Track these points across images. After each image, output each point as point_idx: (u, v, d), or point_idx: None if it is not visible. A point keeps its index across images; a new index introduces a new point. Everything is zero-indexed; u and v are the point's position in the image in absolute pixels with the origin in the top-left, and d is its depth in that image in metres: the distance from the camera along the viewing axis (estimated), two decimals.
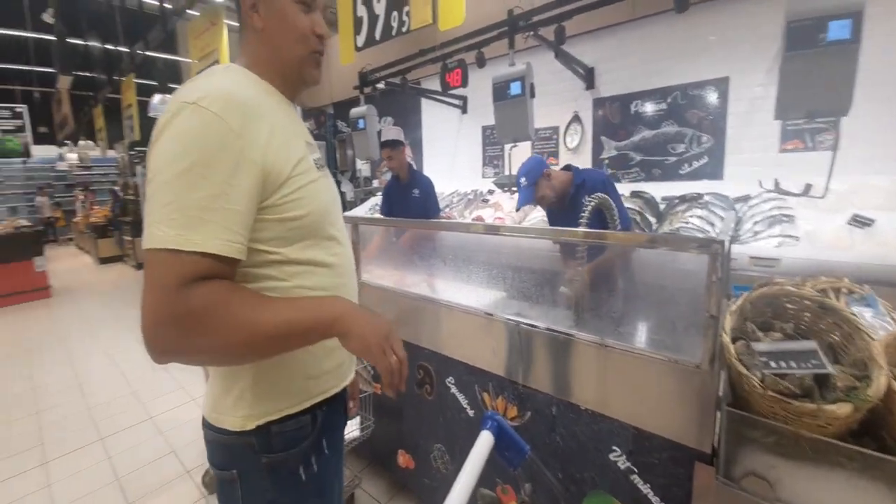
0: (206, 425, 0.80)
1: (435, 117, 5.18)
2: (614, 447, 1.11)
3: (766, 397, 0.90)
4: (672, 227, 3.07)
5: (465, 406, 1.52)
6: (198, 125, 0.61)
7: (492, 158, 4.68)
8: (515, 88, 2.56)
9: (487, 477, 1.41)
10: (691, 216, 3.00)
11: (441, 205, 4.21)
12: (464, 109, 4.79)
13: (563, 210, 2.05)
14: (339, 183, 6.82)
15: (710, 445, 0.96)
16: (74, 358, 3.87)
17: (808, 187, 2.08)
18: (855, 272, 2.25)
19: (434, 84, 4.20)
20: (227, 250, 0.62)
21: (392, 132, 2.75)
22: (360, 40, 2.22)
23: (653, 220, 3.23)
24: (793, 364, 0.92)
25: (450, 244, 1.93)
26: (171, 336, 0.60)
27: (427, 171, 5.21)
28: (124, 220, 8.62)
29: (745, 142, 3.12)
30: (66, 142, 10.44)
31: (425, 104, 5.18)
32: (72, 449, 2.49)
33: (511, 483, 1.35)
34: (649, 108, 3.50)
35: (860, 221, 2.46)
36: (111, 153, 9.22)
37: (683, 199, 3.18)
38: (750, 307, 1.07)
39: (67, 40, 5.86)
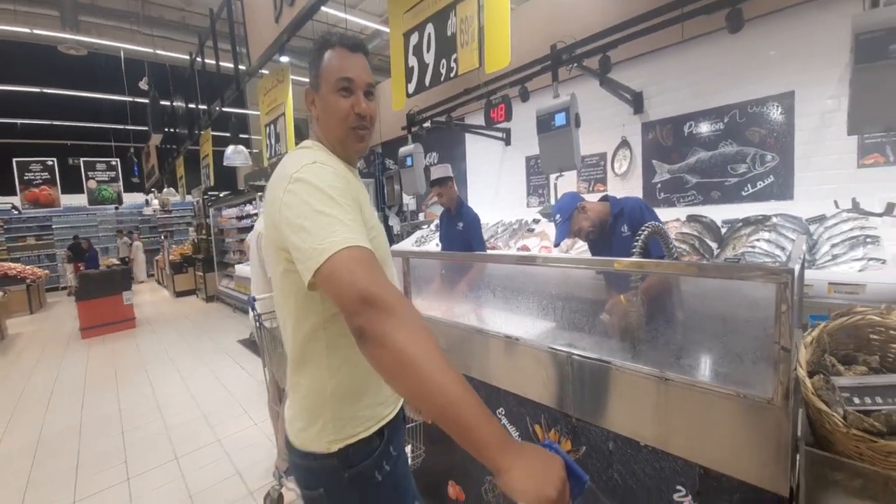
0: (294, 452, 0.93)
1: (479, 150, 5.34)
2: (679, 486, 1.04)
3: (849, 436, 0.82)
4: (736, 252, 2.89)
5: (516, 437, 1.50)
6: (326, 174, 0.81)
7: (536, 188, 4.70)
8: (560, 119, 2.61)
9: None
10: (758, 240, 2.81)
11: (487, 235, 4.26)
12: (507, 141, 4.90)
13: (602, 239, 2.07)
14: (386, 218, 7.13)
15: (787, 488, 0.88)
16: (154, 383, 4.24)
17: (892, 206, 1.90)
18: None
19: (478, 118, 4.37)
20: (368, 244, 0.76)
21: (440, 170, 2.88)
22: (412, 88, 2.40)
23: (713, 244, 3.06)
24: (878, 400, 0.84)
25: (497, 275, 1.95)
26: (375, 309, 0.66)
27: (471, 201, 5.33)
28: (197, 257, 9.52)
29: (816, 158, 2.92)
30: (151, 190, 11.84)
31: (469, 138, 5.36)
32: (151, 467, 2.70)
33: None
34: (704, 128, 3.40)
35: None
36: (189, 198, 10.31)
37: (747, 221, 3.00)
38: (828, 338, 0.99)
39: (159, 103, 6.78)
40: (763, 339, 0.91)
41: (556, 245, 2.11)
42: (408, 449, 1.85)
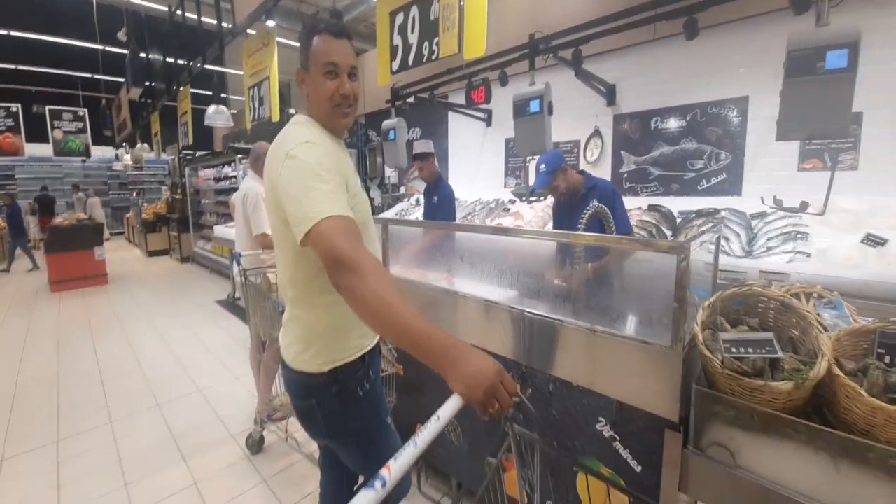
0: (290, 369, 1.14)
1: (461, 128, 5.45)
2: (601, 418, 1.30)
3: (724, 375, 1.07)
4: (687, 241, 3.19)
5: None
6: (316, 152, 0.98)
7: (514, 169, 4.89)
8: (534, 106, 2.78)
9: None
10: (706, 230, 3.11)
11: (464, 212, 4.45)
12: (489, 122, 5.03)
13: (570, 206, 2.33)
14: (368, 189, 7.20)
15: (677, 415, 1.13)
16: (131, 338, 4.32)
17: (805, 204, 2.19)
18: (863, 289, 2.34)
19: (461, 98, 4.47)
20: (351, 214, 0.94)
21: (421, 145, 3.02)
22: (395, 65, 2.53)
23: (668, 232, 3.35)
24: (749, 350, 1.09)
25: (470, 246, 2.15)
26: (351, 268, 0.83)
27: (452, 179, 5.47)
28: (171, 217, 9.34)
29: (763, 159, 3.21)
30: (122, 144, 11.37)
31: (452, 116, 5.46)
32: (134, 412, 2.85)
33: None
34: (669, 124, 3.64)
35: (874, 241, 2.52)
36: (164, 156, 9.99)
37: (700, 213, 3.29)
38: (721, 304, 1.24)
39: (138, 55, 6.51)
40: (668, 300, 1.15)
41: (533, 191, 2.35)
42: None
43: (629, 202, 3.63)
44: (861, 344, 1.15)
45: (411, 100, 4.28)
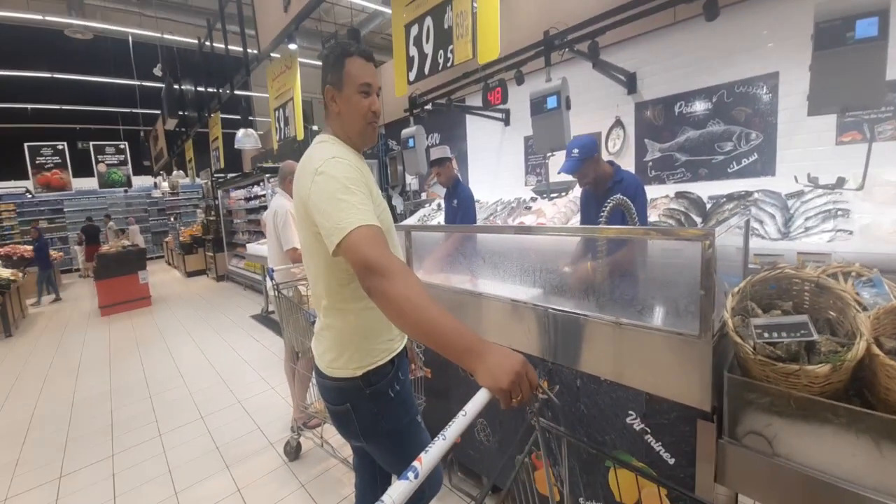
0: (324, 377, 1.19)
1: (479, 130, 5.47)
2: (630, 411, 1.27)
3: (756, 361, 1.03)
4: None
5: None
6: (343, 167, 1.03)
7: (534, 167, 4.85)
8: (552, 102, 2.76)
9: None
10: (738, 215, 2.98)
11: (486, 213, 4.45)
12: (506, 122, 5.02)
13: (597, 198, 2.26)
14: (389, 197, 7.31)
15: (709, 405, 1.10)
16: (175, 354, 4.56)
17: (842, 180, 2.07)
18: None
19: (477, 100, 4.50)
20: (378, 223, 0.99)
21: (438, 151, 3.06)
22: (412, 76, 2.58)
23: (698, 219, 3.24)
24: (784, 335, 1.05)
25: (491, 247, 2.16)
26: (380, 273, 0.88)
27: (472, 181, 5.49)
28: (206, 238, 9.80)
29: (797, 136, 3.06)
30: (160, 172, 12.06)
31: (469, 119, 5.49)
32: (180, 424, 3.00)
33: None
34: (694, 107, 3.52)
35: None
36: (198, 180, 10.53)
37: (731, 197, 3.16)
38: (751, 289, 1.20)
39: (173, 87, 6.93)
40: (695, 289, 1.12)
41: (560, 173, 2.24)
42: None
43: (655, 191, 3.54)
44: None
45: (429, 107, 4.35)
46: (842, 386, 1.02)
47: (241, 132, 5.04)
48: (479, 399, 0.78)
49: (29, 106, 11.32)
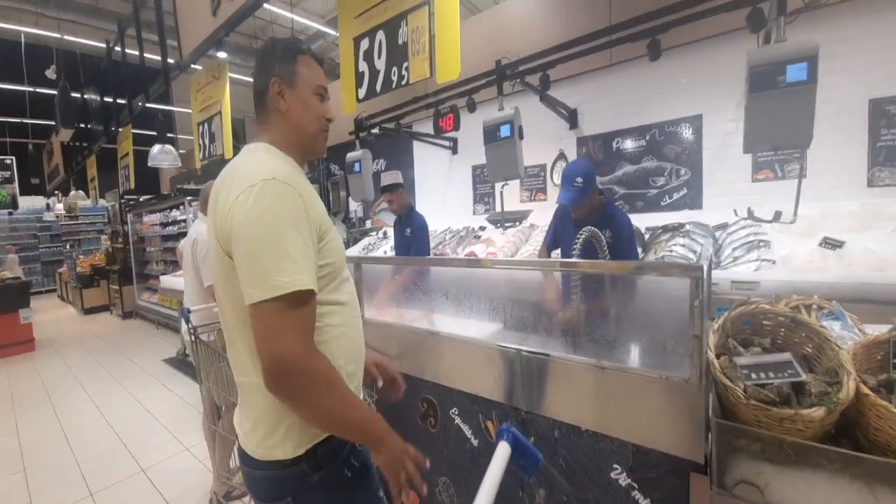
0: (253, 465, 0.91)
1: (427, 158, 5.42)
2: (615, 465, 1.16)
3: (749, 406, 0.97)
4: (657, 256, 3.22)
5: (469, 436, 1.55)
6: (290, 199, 0.80)
7: (482, 196, 4.87)
8: (505, 131, 2.75)
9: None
10: (674, 244, 3.15)
11: (435, 242, 4.33)
12: (454, 150, 5.03)
13: (575, 221, 2.08)
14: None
15: (702, 455, 1.01)
16: (61, 412, 3.76)
17: (778, 214, 2.24)
18: (828, 292, 2.38)
19: (426, 127, 4.44)
20: (315, 286, 0.81)
21: (390, 177, 2.91)
22: (362, 93, 2.42)
23: (639, 249, 3.38)
24: (771, 374, 1.01)
25: (447, 279, 2.02)
26: (302, 379, 0.77)
27: (420, 209, 5.36)
28: (111, 269, 8.57)
29: (720, 173, 3.35)
30: (55, 192, 10.49)
31: (417, 145, 5.43)
32: None
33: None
34: (630, 144, 3.75)
35: (831, 244, 2.62)
36: (102, 202, 9.29)
37: (666, 228, 3.36)
38: (730, 325, 1.16)
39: (70, 95, 6.08)
40: (681, 329, 1.05)
41: (563, 204, 1.97)
42: None
43: None
44: (874, 355, 1.10)
45: (376, 130, 4.19)
46: (830, 428, 0.99)
47: (156, 148, 4.49)
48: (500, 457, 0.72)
49: None
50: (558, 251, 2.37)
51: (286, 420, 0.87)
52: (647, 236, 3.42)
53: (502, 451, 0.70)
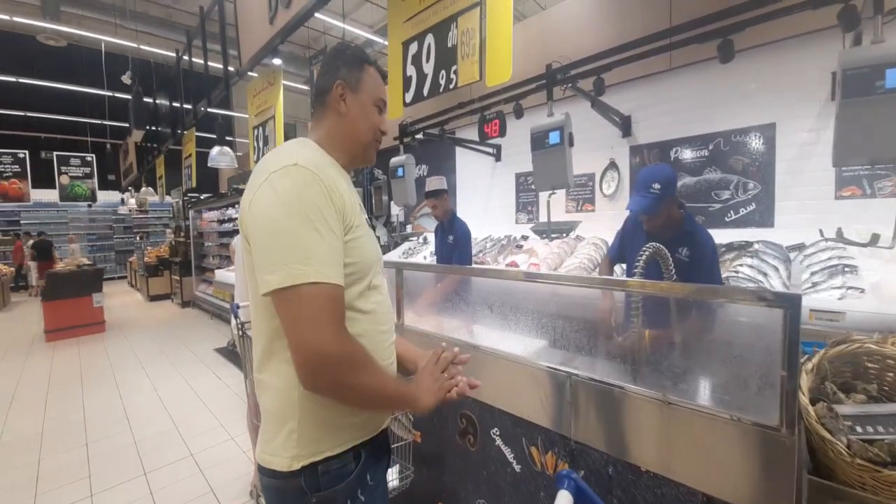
0: (260, 469, 0.85)
1: (470, 164, 5.36)
2: None
3: (853, 465, 0.82)
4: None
5: (511, 460, 1.46)
6: (303, 180, 0.76)
7: (525, 205, 4.74)
8: (554, 138, 2.64)
9: None
10: (741, 265, 2.89)
11: (475, 249, 4.26)
12: (497, 157, 4.94)
13: (649, 234, 1.83)
14: (373, 227, 7.05)
15: None
16: (123, 390, 4.03)
17: (876, 237, 1.98)
18: None
19: (470, 133, 4.40)
20: (341, 280, 0.77)
21: (435, 182, 2.88)
22: (409, 97, 2.40)
23: None
24: (881, 429, 0.85)
25: (490, 290, 1.94)
26: (329, 374, 0.73)
27: (460, 215, 5.32)
28: (174, 260, 9.20)
29: (795, 188, 3.04)
30: (128, 188, 11.46)
31: (459, 151, 5.39)
32: (117, 482, 2.54)
33: None
34: (689, 154, 3.50)
35: None
36: (168, 199, 10.02)
37: (731, 247, 3.08)
38: (828, 366, 1.01)
39: (143, 99, 6.61)
40: (766, 365, 0.92)
41: (633, 211, 1.76)
42: (396, 469, 1.79)
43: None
44: None
45: (419, 136, 4.20)
46: None
47: (215, 150, 4.76)
48: None
49: None
50: (623, 265, 2.20)
51: (287, 425, 0.80)
52: None
53: (562, 502, 0.62)
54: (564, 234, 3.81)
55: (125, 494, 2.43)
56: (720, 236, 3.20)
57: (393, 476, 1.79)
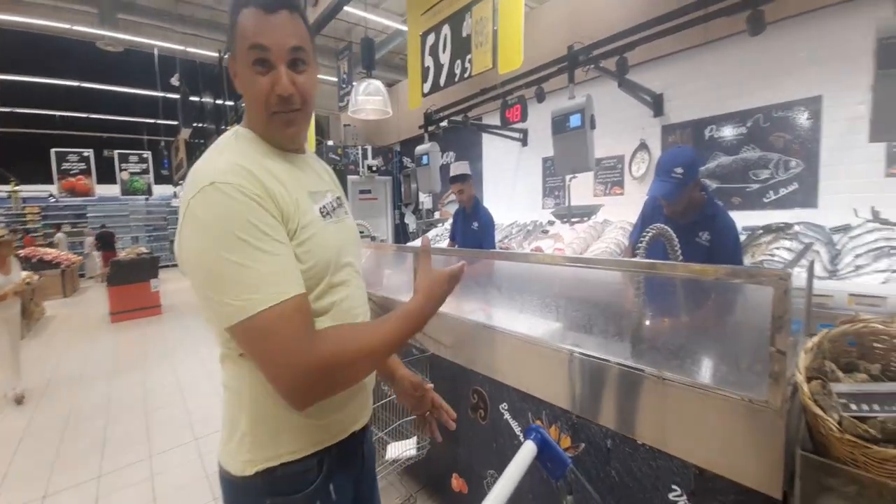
0: (219, 465, 0.80)
1: (495, 150, 5.35)
2: (674, 486, 1.06)
3: (844, 441, 0.82)
4: (754, 260, 2.84)
5: (518, 433, 1.53)
6: (224, 201, 0.64)
7: (552, 189, 4.69)
8: (575, 121, 2.61)
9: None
10: (778, 248, 2.76)
11: (500, 235, 4.29)
12: (524, 142, 4.90)
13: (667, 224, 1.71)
14: (402, 215, 7.20)
15: (779, 490, 0.89)
16: (177, 367, 4.43)
17: None
18: None
19: (495, 119, 4.39)
20: (301, 286, 0.68)
21: (460, 167, 2.93)
22: (427, 87, 2.46)
23: None
24: (876, 407, 0.84)
25: (508, 273, 1.99)
26: (321, 385, 0.67)
27: (487, 202, 5.35)
28: None
29: (843, 166, 2.84)
30: (180, 182, 12.28)
31: (486, 138, 5.38)
32: (172, 446, 2.84)
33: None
34: (727, 132, 3.33)
35: None
36: None
37: (768, 229, 2.94)
38: (829, 345, 0.99)
39: (189, 99, 7.04)
40: (760, 341, 0.93)
41: (657, 196, 1.72)
42: (413, 440, 1.90)
43: None
44: None
45: (444, 124, 4.25)
46: None
47: None
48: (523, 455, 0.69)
49: (57, 113, 11.73)
50: None
51: (239, 429, 0.74)
52: (744, 237, 3.03)
53: (527, 450, 0.69)
54: (586, 218, 3.75)
55: (179, 457, 2.72)
56: (759, 218, 3.07)
57: (410, 446, 1.91)
